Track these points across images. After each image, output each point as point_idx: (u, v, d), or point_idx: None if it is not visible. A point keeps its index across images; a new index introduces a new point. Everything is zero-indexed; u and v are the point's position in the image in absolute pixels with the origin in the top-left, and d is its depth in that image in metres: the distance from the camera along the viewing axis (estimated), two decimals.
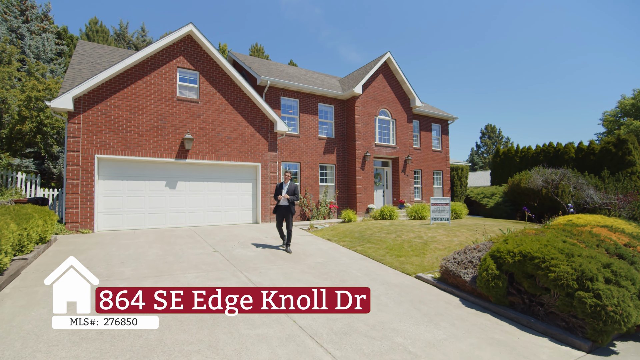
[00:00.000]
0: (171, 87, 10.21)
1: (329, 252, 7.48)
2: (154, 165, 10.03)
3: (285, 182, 6.98)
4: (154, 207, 9.92)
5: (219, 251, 6.95)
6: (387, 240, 8.29)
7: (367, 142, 14.61)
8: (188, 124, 10.37)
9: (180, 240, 7.83)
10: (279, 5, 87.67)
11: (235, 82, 11.25)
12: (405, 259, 7.03)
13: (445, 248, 7.63)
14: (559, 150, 18.19)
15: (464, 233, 9.08)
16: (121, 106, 9.46)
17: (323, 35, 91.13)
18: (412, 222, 10.85)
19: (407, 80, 15.76)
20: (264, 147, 11.67)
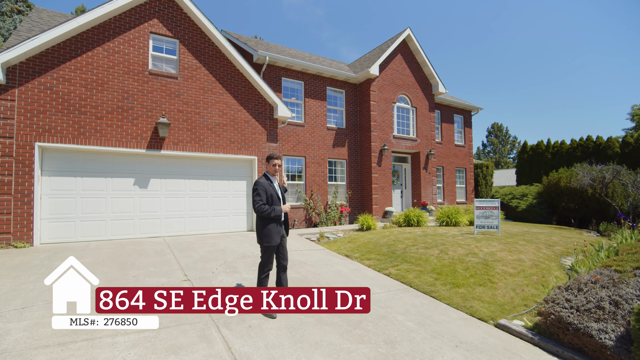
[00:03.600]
0: (142, 58, 7.95)
1: (354, 279, 5.21)
2: (118, 158, 7.77)
3: (275, 176, 4.00)
4: (119, 212, 7.66)
5: (192, 280, 4.69)
6: (430, 259, 6.02)
7: (384, 133, 12.35)
8: (164, 105, 8.11)
9: (141, 261, 5.57)
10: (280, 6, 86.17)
11: (226, 54, 8.99)
12: (467, 291, 4.76)
13: (518, 272, 5.36)
14: (599, 145, 15.92)
15: (527, 247, 6.81)
16: (74, 79, 7.21)
17: (324, 36, 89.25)
18: (449, 231, 8.58)
19: (429, 62, 13.50)
20: (261, 136, 9.40)
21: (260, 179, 3.83)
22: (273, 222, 3.70)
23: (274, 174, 3.92)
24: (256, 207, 3.62)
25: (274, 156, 3.89)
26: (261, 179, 3.82)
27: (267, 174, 3.92)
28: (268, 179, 3.86)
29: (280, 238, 3.77)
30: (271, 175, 3.92)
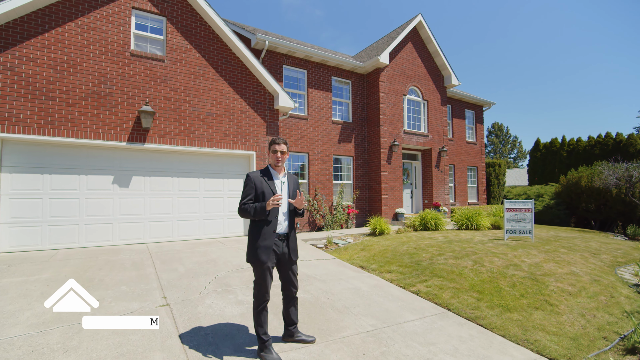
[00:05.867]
0: (122, 37, 6.89)
1: (376, 299, 4.18)
2: (94, 152, 6.70)
3: (277, 167, 2.86)
4: (94, 215, 6.59)
5: (172, 304, 3.64)
6: (464, 272, 5.00)
7: (394, 128, 11.33)
8: (148, 91, 7.05)
9: (113, 277, 4.51)
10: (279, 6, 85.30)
11: (220, 35, 7.94)
12: (523, 317, 3.75)
13: (579, 291, 4.36)
14: (620, 142, 14.99)
15: (572, 256, 5.82)
16: (40, 59, 6.14)
17: (324, 36, 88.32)
18: (473, 236, 7.58)
19: (441, 51, 12.51)
20: (260, 129, 8.36)
21: (252, 172, 2.82)
22: (263, 229, 2.66)
23: (275, 164, 2.85)
24: (238, 206, 2.74)
25: (275, 140, 2.83)
26: (253, 173, 2.80)
27: (269, 167, 2.89)
28: (265, 174, 2.80)
29: (273, 256, 2.70)
30: (273, 167, 2.87)
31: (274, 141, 2.83)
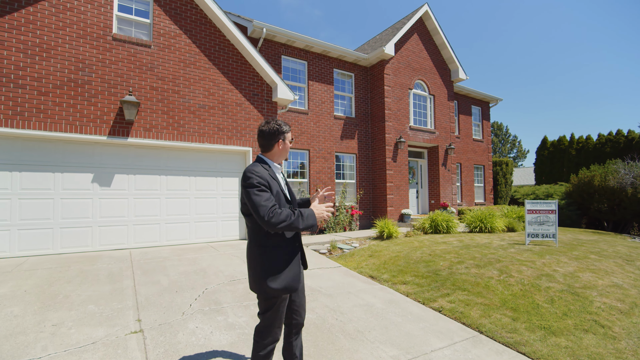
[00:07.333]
0: (103, 19, 6.18)
1: (393, 319, 3.52)
2: (71, 147, 5.99)
3: (279, 161, 2.19)
4: (71, 218, 5.89)
5: (147, 329, 2.96)
6: (491, 284, 4.35)
7: (399, 123, 10.68)
8: (132, 79, 6.35)
9: (82, 292, 3.82)
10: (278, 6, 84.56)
11: (214, 20, 7.25)
12: (573, 343, 3.10)
13: (631, 308, 3.72)
14: (632, 139, 14.42)
15: (606, 264, 5.19)
16: (8, 42, 5.43)
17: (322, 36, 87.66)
18: (490, 240, 6.93)
19: (448, 44, 11.86)
20: (257, 123, 7.68)
21: (253, 165, 1.95)
22: (289, 247, 1.93)
23: (285, 157, 2.16)
24: (266, 215, 1.72)
25: (285, 129, 2.15)
26: (256, 166, 1.94)
27: (268, 161, 2.11)
28: (268, 169, 2.01)
29: (301, 279, 2.00)
30: (274, 161, 2.13)
31: (283, 130, 2.11)
